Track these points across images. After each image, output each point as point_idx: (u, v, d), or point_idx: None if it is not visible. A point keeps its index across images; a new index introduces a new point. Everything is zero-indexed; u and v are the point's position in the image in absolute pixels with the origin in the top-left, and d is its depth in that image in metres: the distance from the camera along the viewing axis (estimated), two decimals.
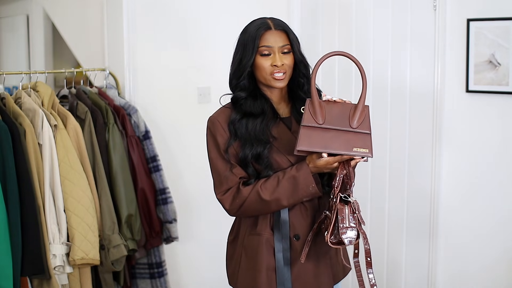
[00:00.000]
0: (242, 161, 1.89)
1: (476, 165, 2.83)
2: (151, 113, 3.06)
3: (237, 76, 1.92)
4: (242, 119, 1.91)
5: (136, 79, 3.05)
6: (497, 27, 2.67)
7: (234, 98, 1.95)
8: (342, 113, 1.79)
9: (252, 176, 1.90)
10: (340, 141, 1.77)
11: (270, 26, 1.89)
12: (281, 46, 1.88)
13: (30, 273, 2.39)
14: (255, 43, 1.87)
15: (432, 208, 2.96)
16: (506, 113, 2.72)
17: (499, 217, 2.78)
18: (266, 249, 1.93)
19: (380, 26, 3.08)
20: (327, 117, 1.78)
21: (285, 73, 1.89)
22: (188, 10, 3.21)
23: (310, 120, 1.78)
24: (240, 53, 1.91)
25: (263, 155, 1.88)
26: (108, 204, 2.64)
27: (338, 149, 1.76)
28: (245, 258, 1.97)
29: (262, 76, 1.90)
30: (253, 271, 1.94)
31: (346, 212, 1.78)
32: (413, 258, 3.07)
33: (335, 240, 1.79)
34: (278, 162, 1.90)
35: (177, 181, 3.16)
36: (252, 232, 1.96)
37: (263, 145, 1.88)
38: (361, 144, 1.76)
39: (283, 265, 1.91)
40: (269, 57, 1.88)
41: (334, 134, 1.77)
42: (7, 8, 4.86)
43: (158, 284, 2.96)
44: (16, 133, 2.37)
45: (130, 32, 3.00)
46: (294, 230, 1.93)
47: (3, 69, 2.98)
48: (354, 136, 1.77)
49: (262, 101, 1.93)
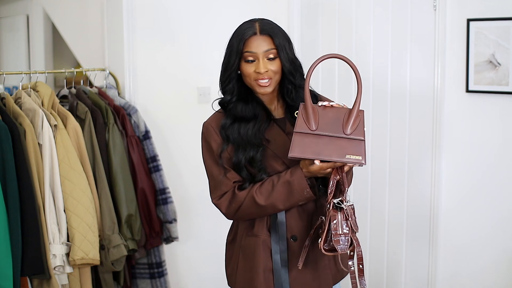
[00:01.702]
0: (235, 165, 1.89)
1: (476, 165, 2.83)
2: (151, 113, 3.06)
3: (223, 80, 1.92)
4: (233, 123, 1.90)
5: (136, 79, 3.04)
6: (497, 27, 2.67)
7: (221, 102, 1.95)
8: (336, 119, 1.78)
9: (246, 179, 1.90)
10: (333, 148, 1.75)
11: (255, 31, 1.85)
12: (266, 51, 1.84)
13: (30, 273, 2.39)
14: (238, 49, 1.85)
15: (432, 208, 2.96)
16: (506, 113, 2.72)
17: (499, 217, 2.78)
18: (263, 250, 1.93)
19: (380, 26, 3.08)
20: (321, 123, 1.77)
21: (270, 79, 1.86)
22: (188, 10, 3.21)
23: (302, 126, 1.76)
24: (227, 57, 1.90)
25: (256, 159, 1.87)
26: (108, 204, 2.64)
27: (331, 156, 1.74)
28: (243, 259, 1.97)
29: (248, 82, 1.89)
30: (250, 273, 1.94)
31: (339, 218, 1.76)
32: (413, 259, 3.07)
33: (328, 248, 1.78)
34: (273, 164, 1.90)
35: (177, 181, 3.16)
36: (250, 234, 1.96)
37: (256, 148, 1.87)
38: (354, 151, 1.74)
39: (280, 267, 1.91)
40: (253, 64, 1.85)
41: (327, 140, 1.75)
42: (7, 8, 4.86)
43: (158, 284, 2.96)
44: (16, 133, 2.37)
45: (130, 32, 3.00)
46: (291, 231, 1.92)
47: (3, 69, 2.98)
48: (348, 142, 1.75)
49: (253, 105, 1.92)
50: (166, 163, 3.03)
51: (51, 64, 4.45)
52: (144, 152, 2.92)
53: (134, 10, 3.01)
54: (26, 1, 4.55)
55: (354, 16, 3.18)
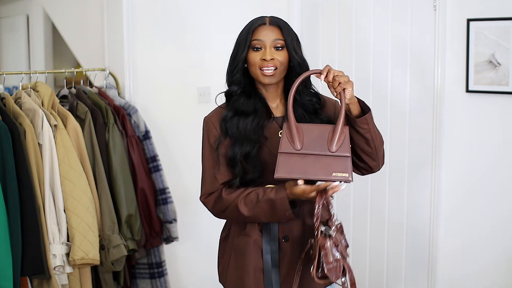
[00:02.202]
0: (230, 159, 1.89)
1: (476, 165, 2.83)
2: (151, 113, 3.06)
3: (231, 70, 1.92)
4: (234, 117, 1.90)
5: (136, 79, 3.04)
6: (497, 27, 2.67)
7: (227, 92, 1.95)
8: (321, 136, 1.76)
9: (238, 175, 1.89)
10: (319, 166, 1.72)
11: (265, 21, 1.89)
12: (273, 40, 1.86)
13: (30, 273, 2.39)
14: (247, 38, 1.87)
15: (432, 208, 2.96)
16: (506, 113, 2.72)
17: (499, 217, 2.78)
18: (254, 250, 1.93)
19: (380, 26, 3.08)
20: (305, 141, 1.75)
21: (275, 69, 1.86)
22: (188, 10, 3.21)
23: (287, 146, 1.75)
24: (236, 48, 1.92)
25: (252, 155, 1.87)
26: (108, 204, 2.64)
27: (317, 174, 1.72)
28: (234, 258, 1.98)
29: (253, 71, 1.89)
30: (241, 271, 1.95)
31: (329, 246, 1.73)
32: (413, 259, 3.07)
33: (321, 275, 1.75)
34: (269, 162, 1.89)
35: (177, 181, 3.16)
36: (242, 233, 1.96)
37: (253, 144, 1.87)
38: (340, 168, 1.71)
39: (271, 267, 1.92)
40: (260, 52, 1.87)
41: (313, 159, 1.73)
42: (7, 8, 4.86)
43: (158, 284, 2.96)
44: (16, 133, 2.37)
45: (130, 32, 3.00)
46: (283, 231, 1.92)
47: (3, 69, 2.98)
48: (333, 160, 1.73)
49: (255, 100, 1.92)
50: (166, 163, 3.03)
51: (51, 64, 4.45)
52: (144, 152, 2.92)
53: (134, 10, 3.01)
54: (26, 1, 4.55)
55: (354, 16, 3.18)
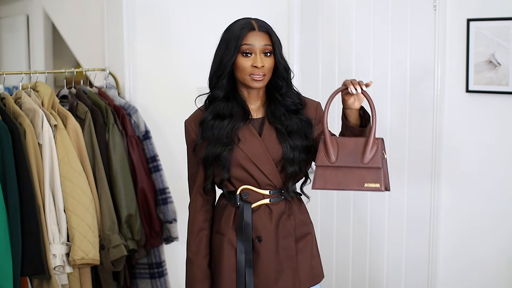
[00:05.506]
0: (204, 161, 1.94)
1: (476, 165, 2.83)
2: (151, 113, 3.06)
3: (217, 75, 1.94)
4: (211, 120, 1.95)
5: (136, 79, 3.04)
6: (497, 27, 2.67)
7: (211, 97, 1.98)
8: (355, 149, 1.87)
9: (209, 177, 1.96)
10: (352, 178, 1.85)
11: (254, 27, 1.89)
12: (263, 46, 1.88)
13: (30, 273, 2.39)
14: (237, 43, 1.87)
15: (431, 208, 2.96)
16: (506, 113, 2.72)
17: (498, 217, 2.78)
18: (228, 249, 1.95)
19: (380, 26, 3.08)
20: (340, 155, 1.86)
21: (264, 76, 1.90)
22: (188, 10, 3.21)
23: (323, 160, 1.87)
24: (222, 51, 1.92)
25: (222, 157, 1.90)
26: (108, 204, 2.64)
27: (350, 185, 1.85)
28: (212, 255, 2.02)
29: (241, 76, 1.91)
30: (217, 269, 1.99)
31: None
32: (413, 259, 3.07)
33: None
34: (241, 164, 1.92)
35: (177, 181, 3.15)
36: (218, 231, 2.00)
37: (223, 146, 1.90)
38: (372, 179, 1.84)
39: (244, 266, 1.93)
40: (250, 58, 1.88)
41: (346, 171, 1.85)
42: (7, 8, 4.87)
43: (158, 284, 2.96)
44: (16, 133, 2.37)
45: (130, 32, 3.00)
46: (256, 232, 1.94)
47: (3, 69, 2.98)
48: (365, 171, 1.85)
49: (233, 103, 1.95)
50: (166, 163, 3.03)
51: (51, 64, 4.46)
52: (144, 152, 2.92)
53: (134, 10, 3.01)
54: (26, 1, 4.55)
55: (354, 16, 3.18)
